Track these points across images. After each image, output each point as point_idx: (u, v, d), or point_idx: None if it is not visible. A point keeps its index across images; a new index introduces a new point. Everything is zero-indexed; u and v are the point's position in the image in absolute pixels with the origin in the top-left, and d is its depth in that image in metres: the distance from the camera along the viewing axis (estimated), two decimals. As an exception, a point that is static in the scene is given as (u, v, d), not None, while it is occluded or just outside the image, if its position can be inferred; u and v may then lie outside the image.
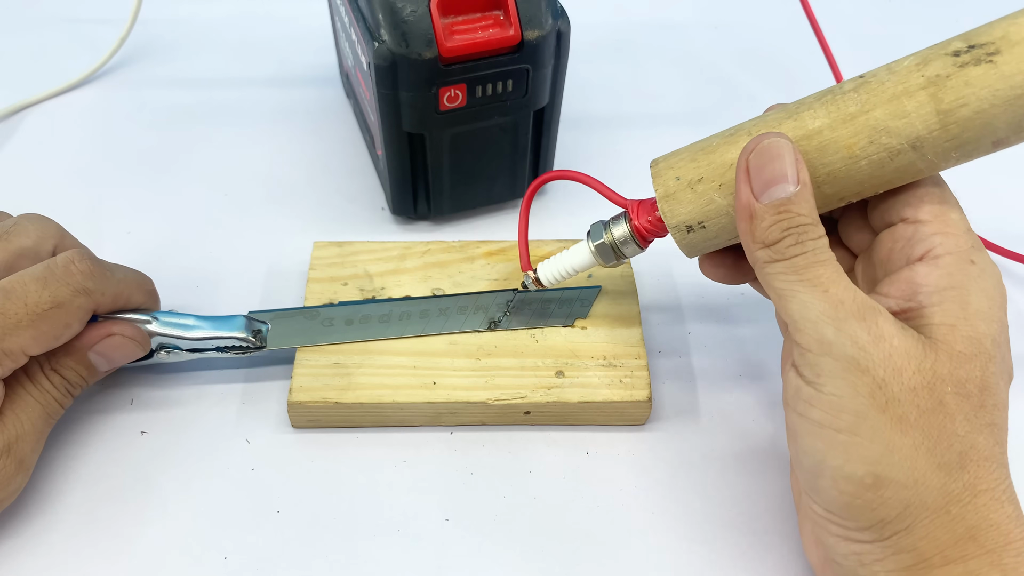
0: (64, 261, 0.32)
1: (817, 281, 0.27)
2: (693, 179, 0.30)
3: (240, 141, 0.51)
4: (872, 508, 0.26)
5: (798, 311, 0.27)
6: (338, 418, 0.36)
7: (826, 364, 0.26)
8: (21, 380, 0.32)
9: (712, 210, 0.30)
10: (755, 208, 0.28)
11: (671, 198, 0.31)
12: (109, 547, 0.33)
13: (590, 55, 0.58)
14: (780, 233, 0.27)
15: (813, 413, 0.27)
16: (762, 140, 0.28)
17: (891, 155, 0.28)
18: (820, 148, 0.28)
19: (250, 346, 0.37)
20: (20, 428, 0.31)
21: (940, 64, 0.27)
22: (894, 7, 0.66)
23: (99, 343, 0.34)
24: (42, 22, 0.61)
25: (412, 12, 0.36)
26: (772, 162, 0.27)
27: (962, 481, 0.25)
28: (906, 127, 0.27)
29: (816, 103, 0.29)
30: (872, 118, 0.27)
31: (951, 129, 0.27)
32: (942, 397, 0.26)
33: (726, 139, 0.30)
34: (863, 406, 0.26)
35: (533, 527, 0.34)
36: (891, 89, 0.27)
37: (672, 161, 0.31)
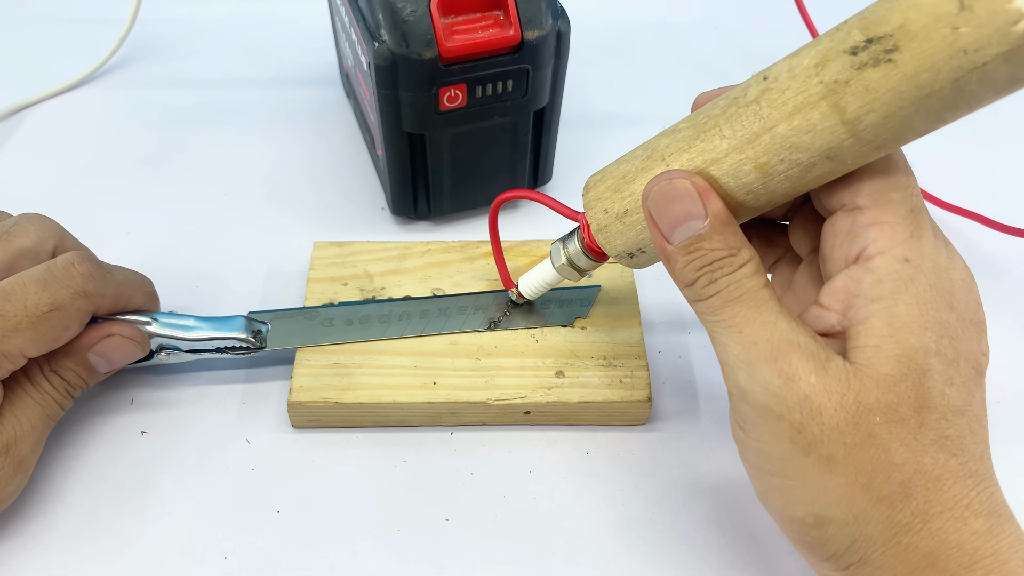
0: (64, 263, 0.32)
1: (732, 321, 0.26)
2: (620, 212, 0.29)
3: (240, 141, 0.51)
4: (820, 544, 0.26)
5: (720, 353, 0.27)
6: (338, 418, 0.36)
7: (746, 411, 0.26)
8: (20, 381, 0.32)
9: (645, 238, 0.29)
10: (668, 251, 0.27)
11: (605, 231, 0.30)
12: (109, 547, 0.33)
13: (590, 55, 0.58)
14: (694, 274, 0.26)
15: (749, 457, 0.27)
16: (653, 187, 0.27)
17: (805, 169, 0.25)
18: (732, 171, 0.26)
19: (250, 347, 0.37)
20: (19, 429, 0.31)
21: (838, 66, 0.23)
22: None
23: (98, 344, 0.34)
24: (42, 22, 0.61)
25: (412, 12, 0.36)
26: (672, 204, 0.26)
27: (909, 509, 0.24)
28: (815, 140, 0.24)
29: (722, 118, 0.27)
30: (777, 136, 0.25)
31: (863, 136, 0.24)
32: (871, 430, 0.24)
33: (643, 164, 0.29)
34: (786, 451, 0.25)
35: (533, 527, 0.34)
36: (792, 100, 0.25)
37: (599, 191, 0.30)
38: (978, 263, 0.41)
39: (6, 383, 0.32)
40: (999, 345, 0.33)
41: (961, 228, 0.46)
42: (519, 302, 0.39)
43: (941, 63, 0.21)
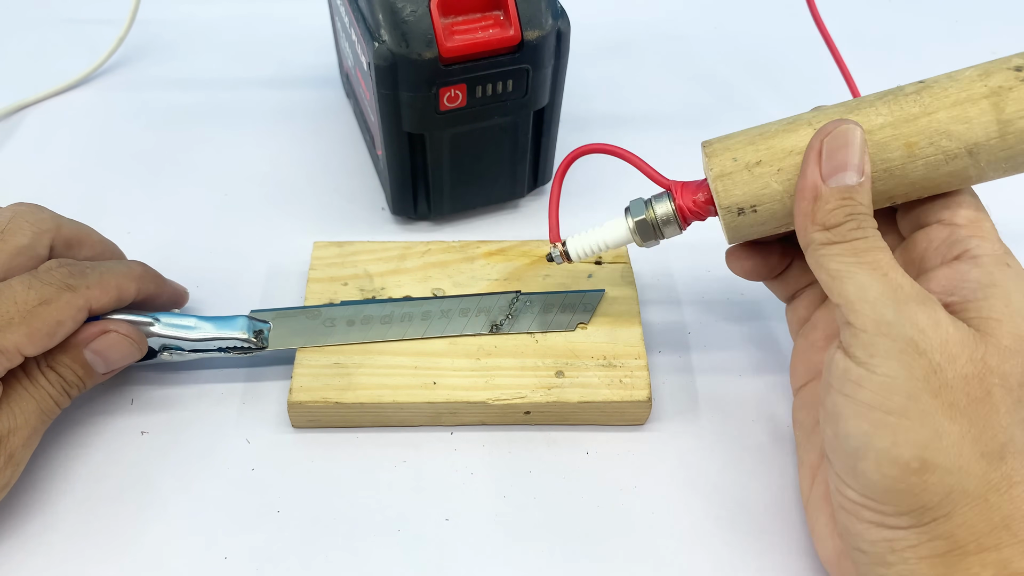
0: (45, 268, 0.33)
1: (876, 265, 0.27)
2: (751, 161, 0.30)
3: (240, 141, 0.51)
4: (915, 493, 0.26)
5: (855, 292, 0.27)
6: (338, 418, 0.36)
7: (882, 344, 0.26)
8: (18, 376, 0.32)
9: (767, 194, 0.30)
10: (821, 189, 0.28)
11: (727, 178, 0.31)
12: (109, 547, 0.33)
13: (590, 55, 0.58)
14: (843, 217, 0.28)
15: (862, 394, 0.27)
16: (839, 124, 0.29)
17: (947, 158, 0.29)
18: (881, 144, 0.29)
19: (252, 346, 0.37)
20: (12, 422, 0.31)
21: (1002, 77, 0.28)
22: (893, 7, 0.66)
23: (94, 341, 0.34)
24: (41, 22, 0.61)
25: (412, 12, 0.36)
26: (844, 148, 0.28)
27: (1001, 471, 0.26)
28: (966, 132, 0.28)
29: (878, 102, 0.30)
30: (935, 120, 0.29)
31: (1008, 139, 0.28)
32: (990, 388, 0.26)
33: (784, 126, 0.31)
34: (916, 389, 0.26)
35: (533, 527, 0.34)
36: (954, 95, 0.28)
37: (728, 143, 0.31)
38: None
39: (3, 379, 0.32)
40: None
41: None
42: (558, 261, 0.37)
43: None
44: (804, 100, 0.56)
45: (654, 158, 0.34)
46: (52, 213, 0.35)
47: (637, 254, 0.43)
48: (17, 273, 0.32)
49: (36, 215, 0.34)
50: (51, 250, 0.35)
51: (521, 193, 0.46)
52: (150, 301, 0.37)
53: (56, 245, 0.35)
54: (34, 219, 0.34)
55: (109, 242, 0.38)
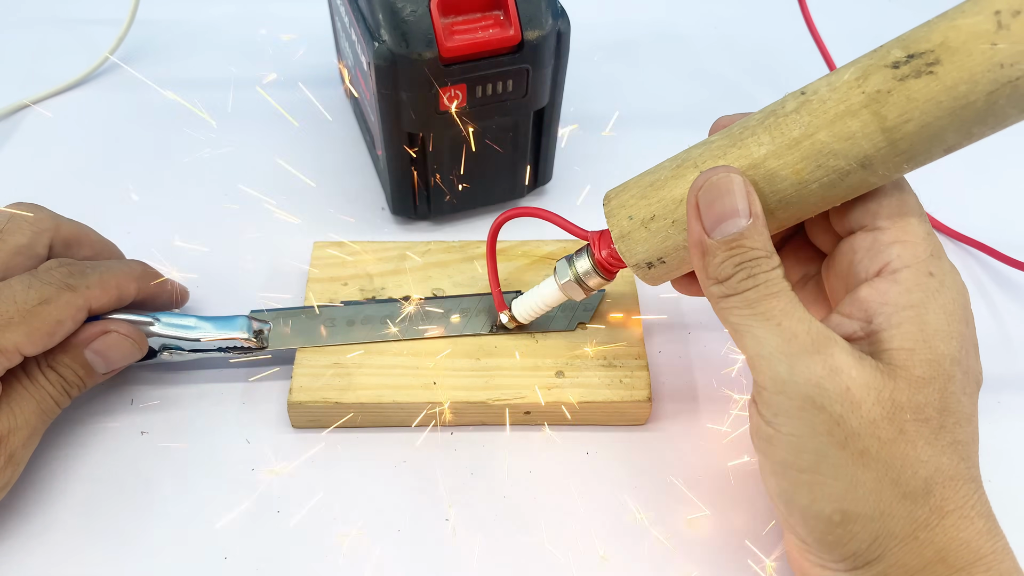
0: (45, 267, 0.33)
1: (770, 315, 0.26)
2: (646, 217, 0.30)
3: (240, 141, 0.51)
4: (842, 543, 0.26)
5: (752, 347, 0.27)
6: (338, 418, 0.36)
7: (782, 403, 0.26)
8: (18, 375, 0.32)
9: (669, 246, 0.30)
10: (707, 244, 0.27)
11: (627, 238, 0.30)
12: (109, 547, 0.33)
13: (590, 55, 0.58)
14: (732, 268, 0.27)
15: (774, 453, 0.27)
16: (711, 176, 0.27)
17: (841, 176, 0.27)
18: (768, 177, 0.27)
19: (252, 346, 0.37)
20: (12, 422, 0.31)
21: (880, 78, 0.25)
22: (890, 7, 0.66)
23: (95, 341, 0.34)
24: (40, 22, 0.61)
25: (412, 12, 0.36)
26: (722, 197, 0.27)
27: (928, 506, 0.25)
28: (852, 148, 0.26)
29: (759, 127, 0.28)
30: (817, 141, 0.27)
31: (899, 145, 0.26)
32: (902, 425, 0.25)
33: (673, 172, 0.29)
34: (822, 444, 0.25)
35: (533, 527, 0.34)
36: (833, 108, 0.26)
37: (623, 199, 0.31)
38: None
39: (3, 378, 0.32)
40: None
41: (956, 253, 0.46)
42: (510, 326, 0.38)
43: (979, 75, 0.24)
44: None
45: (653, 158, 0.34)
46: (51, 213, 0.35)
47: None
48: (16, 273, 0.32)
49: (35, 215, 0.34)
50: (50, 249, 0.35)
51: (521, 193, 0.46)
52: (150, 300, 0.37)
53: (55, 244, 0.35)
54: (33, 219, 0.34)
55: (108, 241, 0.38)
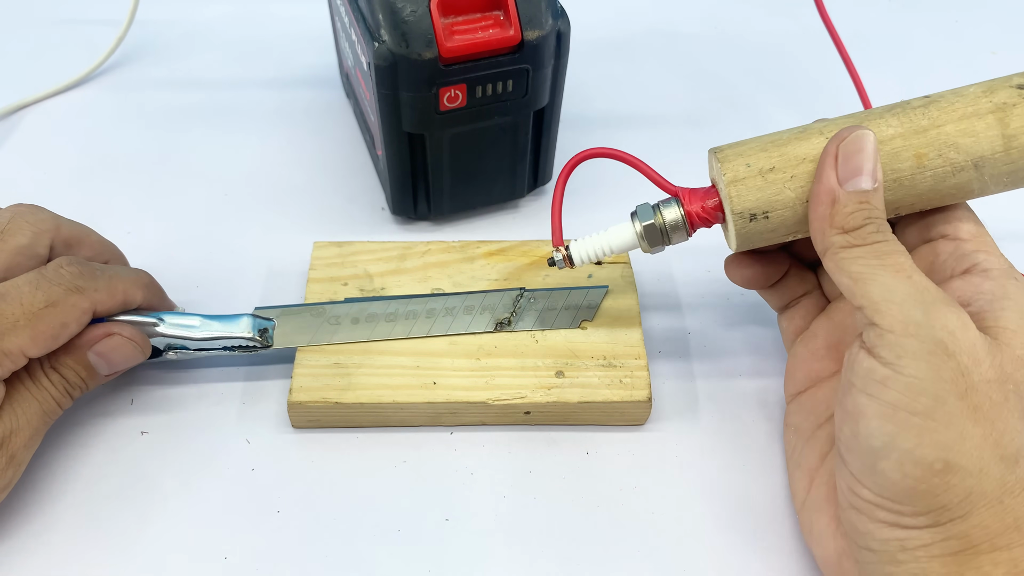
0: (54, 266, 0.33)
1: (900, 267, 0.28)
2: (764, 168, 0.31)
3: (240, 141, 0.51)
4: (936, 494, 0.26)
5: (880, 293, 0.27)
6: (338, 418, 0.36)
7: (910, 345, 0.26)
8: (20, 376, 0.32)
9: (780, 200, 0.31)
10: (839, 193, 0.29)
11: (740, 183, 0.31)
12: (109, 547, 0.33)
13: (590, 55, 0.58)
14: (862, 220, 0.28)
15: (888, 394, 0.27)
16: (854, 130, 0.29)
17: (955, 170, 0.30)
18: (892, 154, 0.30)
19: (256, 345, 0.37)
20: (15, 423, 0.31)
21: (1006, 94, 0.29)
22: (894, 8, 0.66)
23: (98, 343, 0.34)
24: (40, 22, 0.61)
25: (412, 12, 0.36)
26: (859, 153, 0.29)
27: (1016, 474, 0.26)
28: (973, 145, 0.29)
29: (887, 114, 0.30)
30: (943, 133, 0.29)
31: (1012, 153, 0.29)
32: (1007, 394, 0.26)
33: (796, 135, 0.31)
34: (943, 391, 0.26)
35: (533, 527, 0.34)
36: (961, 110, 0.29)
37: (740, 149, 0.31)
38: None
39: (6, 379, 0.32)
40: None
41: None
42: (560, 266, 0.36)
43: None
44: (804, 99, 0.56)
45: (653, 158, 0.34)
46: (51, 213, 0.35)
47: (637, 254, 0.43)
48: (17, 273, 0.32)
49: (35, 215, 0.34)
50: (51, 250, 0.35)
51: (521, 193, 0.46)
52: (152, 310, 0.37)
53: (55, 245, 0.35)
54: (34, 219, 0.34)
55: (108, 242, 0.38)
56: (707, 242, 0.40)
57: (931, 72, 0.58)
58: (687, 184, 0.34)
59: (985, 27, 0.63)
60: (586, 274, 0.41)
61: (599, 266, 0.41)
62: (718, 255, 0.41)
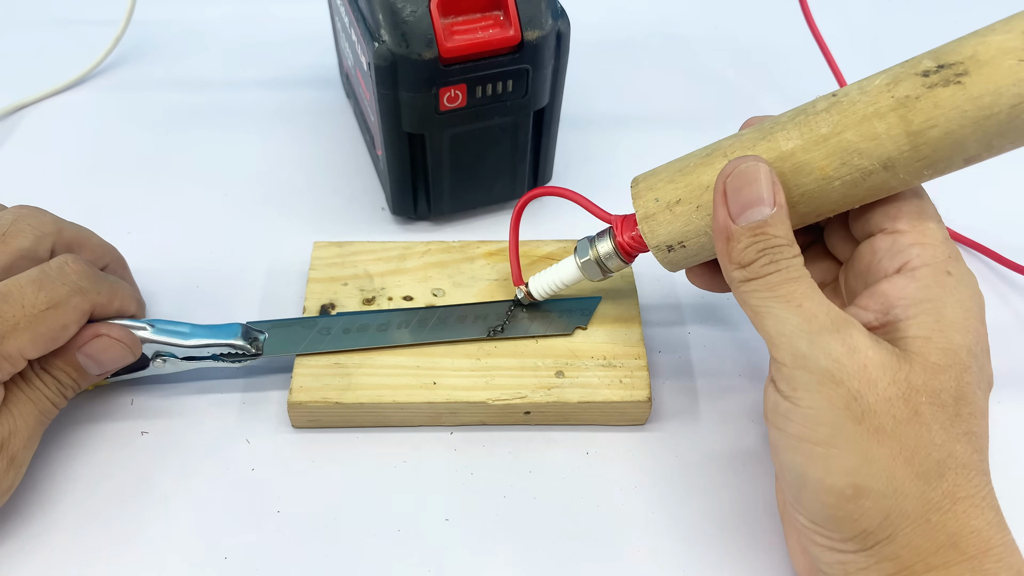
0: (58, 263, 0.33)
1: (790, 297, 0.27)
2: (671, 200, 0.31)
3: (240, 141, 0.51)
4: (854, 519, 0.26)
5: (773, 326, 0.28)
6: (338, 418, 0.36)
7: (801, 377, 0.27)
8: (14, 378, 0.32)
9: (691, 230, 0.31)
10: (732, 230, 0.28)
11: (651, 219, 0.31)
12: (109, 547, 0.33)
13: (590, 55, 0.58)
14: (755, 254, 0.28)
15: (791, 427, 0.27)
16: (739, 164, 0.28)
17: (863, 175, 0.28)
18: (794, 169, 0.29)
19: (247, 354, 0.37)
20: (12, 425, 0.31)
21: (909, 84, 0.27)
22: (891, 7, 0.66)
23: (87, 344, 0.33)
24: (38, 22, 0.61)
25: (412, 12, 0.36)
26: (749, 185, 0.28)
27: (941, 489, 0.26)
28: (877, 148, 0.27)
29: (789, 123, 0.29)
30: (844, 140, 0.28)
31: (922, 150, 0.27)
32: (917, 407, 0.26)
33: (702, 160, 0.31)
34: (839, 418, 0.26)
35: (533, 527, 0.34)
36: (862, 110, 0.27)
37: (651, 182, 0.32)
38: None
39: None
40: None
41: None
42: (525, 302, 0.39)
43: (1003, 88, 0.25)
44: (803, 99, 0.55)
45: (653, 158, 0.34)
46: (54, 216, 0.35)
47: (637, 254, 0.43)
48: None
49: (38, 218, 0.34)
50: (51, 253, 0.34)
51: (521, 193, 0.46)
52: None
53: (57, 248, 0.35)
54: (36, 222, 0.34)
55: (109, 246, 0.38)
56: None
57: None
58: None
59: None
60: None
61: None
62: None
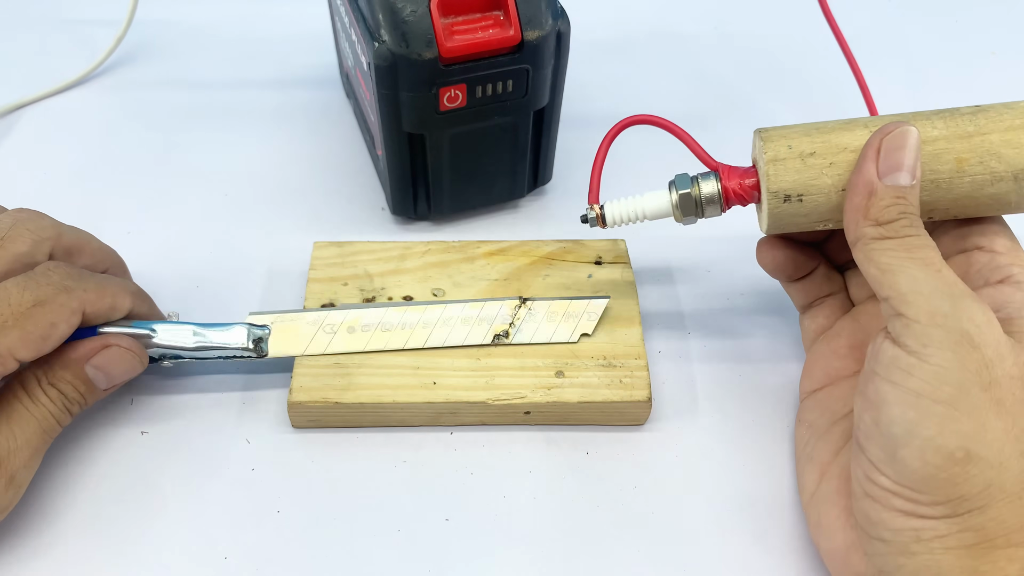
0: (42, 268, 0.32)
1: (929, 261, 0.28)
2: (805, 151, 0.31)
3: (240, 141, 0.51)
4: (955, 483, 0.26)
5: (907, 284, 0.28)
6: (338, 418, 0.36)
7: (936, 335, 0.27)
8: (17, 394, 0.32)
9: (815, 186, 0.31)
10: (877, 186, 0.29)
11: (779, 163, 0.31)
12: (109, 547, 0.33)
13: (590, 55, 0.58)
14: (896, 214, 0.29)
15: (911, 382, 0.27)
16: (899, 126, 0.30)
17: (993, 179, 0.30)
18: (933, 155, 0.30)
19: (251, 355, 0.37)
20: (12, 442, 0.31)
21: None
22: (894, 8, 0.66)
23: (96, 356, 0.33)
24: (40, 22, 0.61)
25: (412, 12, 0.36)
26: (901, 149, 0.29)
27: None
28: (1016, 157, 0.30)
29: (934, 116, 0.31)
30: (987, 141, 0.30)
31: None
32: None
33: (841, 124, 0.32)
34: (967, 381, 0.26)
35: (533, 527, 0.34)
36: (1008, 121, 0.30)
37: (784, 131, 0.32)
38: None
39: (3, 397, 0.31)
40: None
41: None
42: (590, 223, 0.36)
43: None
44: (804, 99, 0.56)
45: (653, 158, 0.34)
46: (53, 221, 0.35)
47: (637, 254, 0.43)
48: None
49: (37, 222, 0.34)
50: (50, 258, 0.34)
51: (521, 193, 0.46)
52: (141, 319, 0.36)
53: (55, 253, 0.34)
54: (35, 226, 0.34)
55: (109, 249, 0.38)
56: (707, 241, 0.41)
57: (931, 72, 0.58)
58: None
59: (985, 28, 0.63)
60: (586, 274, 0.41)
61: (599, 265, 0.41)
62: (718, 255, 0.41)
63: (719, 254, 0.45)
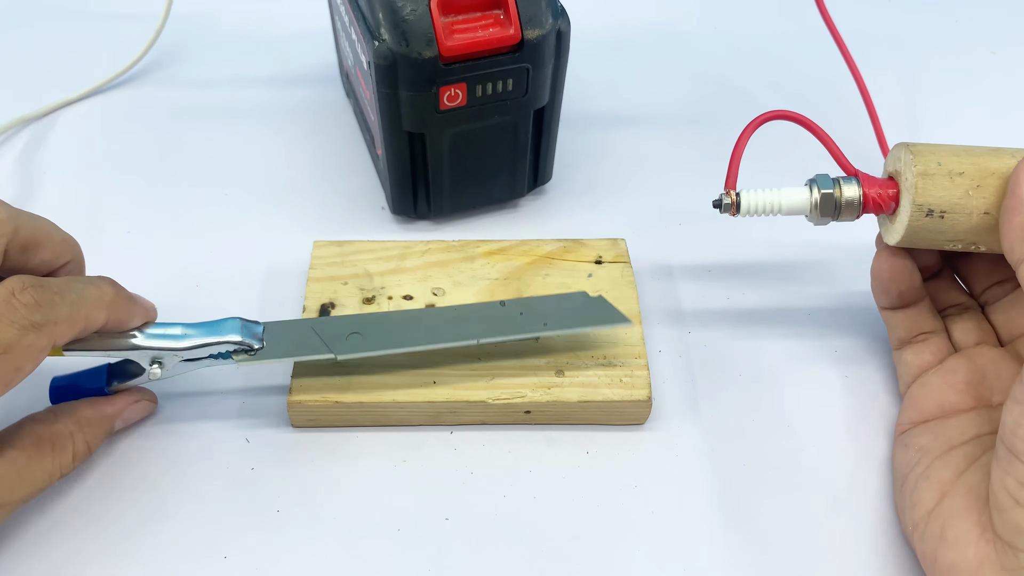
0: (4, 296, 0.28)
1: None
2: (954, 170, 0.32)
3: (240, 141, 0.51)
4: None
5: None
6: (338, 418, 0.36)
7: None
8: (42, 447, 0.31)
9: (960, 205, 0.32)
10: None
11: (928, 178, 0.32)
12: (109, 547, 0.33)
13: (590, 55, 0.58)
14: None
15: None
16: None
17: None
18: None
19: (246, 348, 0.36)
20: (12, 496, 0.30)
21: None
22: (894, 7, 0.66)
23: (127, 410, 0.35)
24: (41, 32, 0.61)
25: (412, 11, 0.36)
26: None
27: None
28: None
29: None
30: None
31: None
32: None
33: (990, 151, 0.32)
34: None
35: (533, 527, 0.34)
36: None
37: (932, 148, 0.33)
38: None
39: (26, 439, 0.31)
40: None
41: None
42: (724, 211, 0.36)
43: None
44: (804, 99, 0.56)
45: (653, 158, 0.34)
46: (9, 212, 0.31)
47: (637, 254, 0.43)
48: None
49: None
50: (4, 255, 0.30)
51: (521, 193, 0.46)
52: (118, 326, 0.33)
53: (11, 249, 0.31)
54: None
55: (71, 241, 0.34)
56: (707, 241, 0.41)
57: (931, 72, 0.58)
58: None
59: (985, 27, 0.63)
60: (586, 273, 0.41)
61: (599, 265, 0.41)
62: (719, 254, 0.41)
63: (719, 254, 0.45)
